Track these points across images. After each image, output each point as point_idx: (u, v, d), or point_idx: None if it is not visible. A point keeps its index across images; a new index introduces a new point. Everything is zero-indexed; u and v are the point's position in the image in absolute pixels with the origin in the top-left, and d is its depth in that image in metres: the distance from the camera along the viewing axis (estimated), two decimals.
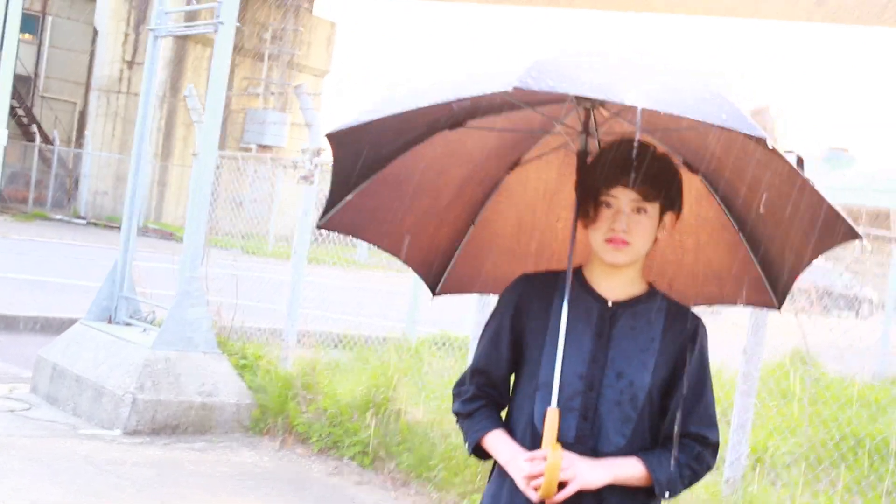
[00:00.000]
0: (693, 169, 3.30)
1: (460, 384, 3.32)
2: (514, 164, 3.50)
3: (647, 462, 3.08)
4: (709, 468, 3.19)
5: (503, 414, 3.29)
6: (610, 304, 3.17)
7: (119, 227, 10.59)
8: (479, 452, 3.24)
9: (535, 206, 3.54)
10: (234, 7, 9.53)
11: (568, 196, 3.35)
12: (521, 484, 3.03)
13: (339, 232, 3.43)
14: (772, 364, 11.54)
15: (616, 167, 3.06)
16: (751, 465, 7.91)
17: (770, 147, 2.55)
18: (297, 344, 10.17)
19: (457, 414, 3.31)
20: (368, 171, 3.26)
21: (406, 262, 3.61)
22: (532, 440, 3.10)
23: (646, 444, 3.12)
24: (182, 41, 39.70)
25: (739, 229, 3.35)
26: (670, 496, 3.11)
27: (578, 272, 3.22)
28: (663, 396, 3.14)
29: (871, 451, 7.82)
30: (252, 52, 43.18)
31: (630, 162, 3.04)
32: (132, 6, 41.60)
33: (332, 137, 3.02)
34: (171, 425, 8.92)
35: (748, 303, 3.51)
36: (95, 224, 38.48)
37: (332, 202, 3.30)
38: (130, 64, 41.60)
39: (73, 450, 8.12)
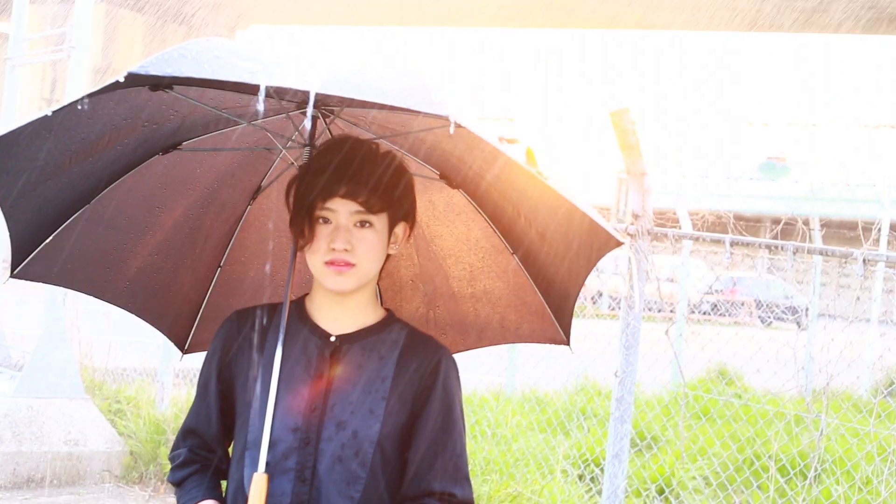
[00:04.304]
0: (452, 182, 2.82)
1: (174, 448, 2.77)
2: (255, 192, 3.00)
3: None
4: None
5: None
6: (333, 338, 2.64)
7: None
8: None
9: (287, 238, 3.03)
10: (85, 32, 8.98)
11: None
12: None
13: (43, 283, 2.90)
14: (693, 381, 11.18)
15: (329, 174, 2.53)
16: (658, 490, 7.49)
17: (454, 125, 2.08)
18: (177, 382, 9.58)
19: (171, 483, 2.77)
20: (62, 207, 2.73)
21: (139, 315, 3.09)
22: None
23: None
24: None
25: (513, 251, 2.87)
26: None
27: (300, 304, 2.70)
28: (402, 448, 2.61)
29: (782, 469, 7.39)
30: None
31: (346, 166, 2.53)
32: (46, 40, 40.78)
33: None
34: (35, 478, 8.32)
35: (535, 339, 3.00)
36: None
37: (19, 246, 2.74)
38: (49, 101, 40.78)
39: None
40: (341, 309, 2.65)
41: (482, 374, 9.90)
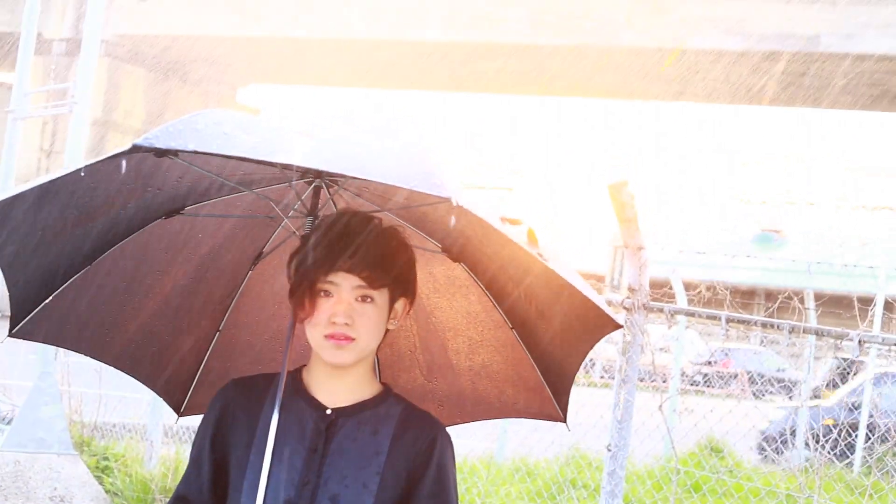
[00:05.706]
0: (453, 255, 2.83)
1: None
2: (257, 259, 3.00)
3: None
4: None
5: None
6: (329, 411, 2.62)
7: None
8: None
9: (286, 306, 3.02)
10: (88, 87, 9.02)
11: None
12: None
13: (42, 342, 2.90)
14: (685, 455, 11.11)
15: (332, 248, 2.54)
16: None
17: (455, 205, 2.11)
18: (165, 441, 9.50)
19: None
20: (63, 268, 2.73)
21: (136, 377, 3.08)
22: None
23: None
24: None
25: (513, 326, 2.87)
26: None
27: (297, 375, 2.68)
28: None
29: None
30: None
31: (349, 240, 2.54)
32: (49, 93, 40.88)
33: None
34: None
35: (531, 415, 3.00)
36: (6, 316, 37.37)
37: (19, 306, 2.75)
38: (49, 153, 40.84)
39: None
40: (338, 382, 2.64)
41: (475, 441, 9.85)
